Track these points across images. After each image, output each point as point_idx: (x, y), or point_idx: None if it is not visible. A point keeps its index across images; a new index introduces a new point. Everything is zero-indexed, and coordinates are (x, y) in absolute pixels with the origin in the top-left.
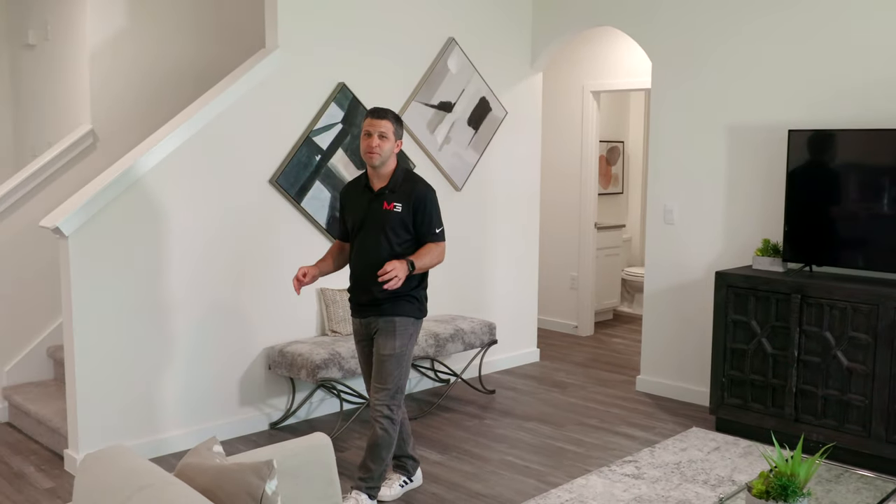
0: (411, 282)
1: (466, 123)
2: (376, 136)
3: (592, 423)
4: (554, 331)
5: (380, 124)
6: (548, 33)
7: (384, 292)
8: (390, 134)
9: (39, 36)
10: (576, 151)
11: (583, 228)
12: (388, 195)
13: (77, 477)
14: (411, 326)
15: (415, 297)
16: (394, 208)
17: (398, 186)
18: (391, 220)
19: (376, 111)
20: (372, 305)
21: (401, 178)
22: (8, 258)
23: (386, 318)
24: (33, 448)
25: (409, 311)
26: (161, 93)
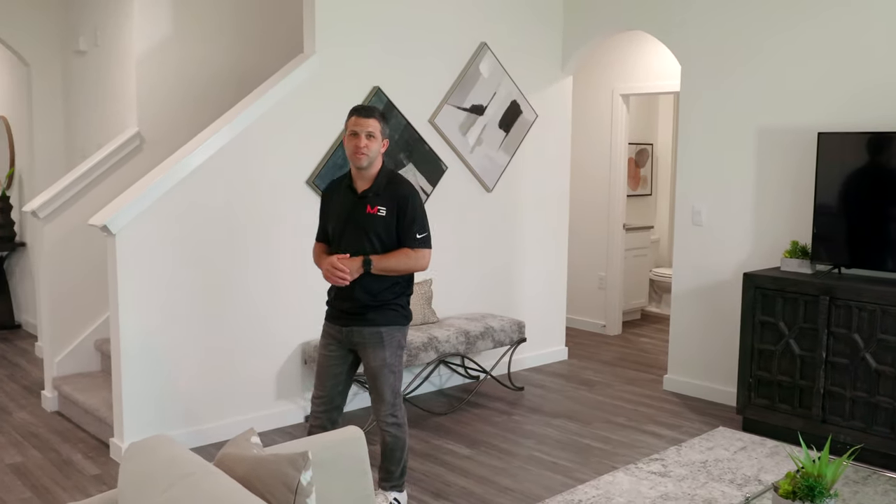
0: (395, 288)
1: (497, 126)
2: (363, 136)
3: (619, 421)
4: (582, 330)
5: (367, 123)
6: (578, 37)
7: (369, 298)
8: (377, 133)
9: (89, 42)
10: (605, 154)
11: (611, 229)
12: (373, 198)
13: (122, 465)
14: (398, 333)
15: (399, 305)
16: (378, 212)
17: (382, 189)
18: (375, 225)
19: (362, 109)
20: (356, 314)
21: (385, 181)
22: (59, 255)
23: (371, 328)
24: (81, 436)
25: (394, 320)
26: (204, 96)
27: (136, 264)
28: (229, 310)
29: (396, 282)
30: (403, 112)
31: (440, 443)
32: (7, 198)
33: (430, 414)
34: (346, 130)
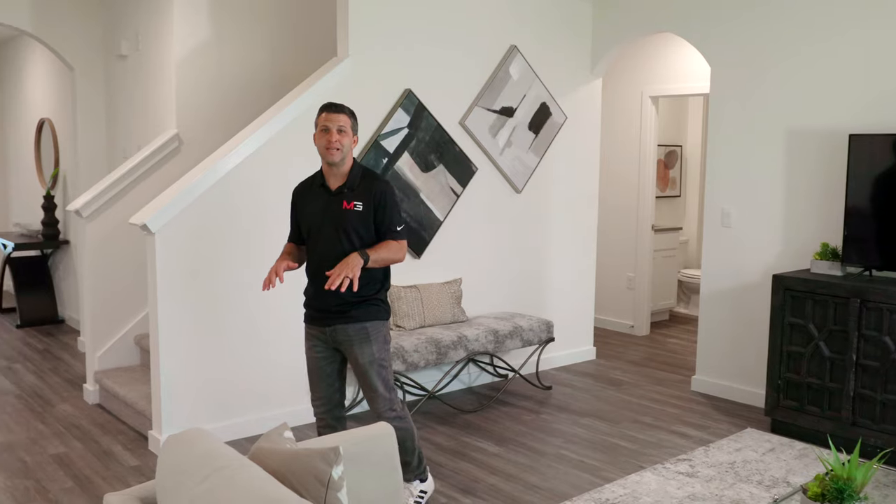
0: (374, 285)
1: (527, 128)
2: (335, 131)
3: (647, 421)
4: (610, 330)
5: (338, 118)
6: (607, 40)
7: (352, 295)
8: (348, 128)
9: (131, 47)
10: (634, 155)
11: (640, 230)
12: (348, 194)
13: (160, 456)
14: (382, 328)
15: (379, 300)
16: (354, 207)
17: (357, 184)
18: (352, 220)
19: (332, 105)
20: (337, 313)
21: (359, 176)
22: (101, 253)
23: (356, 325)
24: (121, 428)
25: (377, 315)
26: (241, 99)
27: (175, 262)
28: (263, 307)
29: (377, 278)
30: (434, 114)
31: (469, 440)
32: (52, 197)
33: (460, 411)
34: (317, 128)
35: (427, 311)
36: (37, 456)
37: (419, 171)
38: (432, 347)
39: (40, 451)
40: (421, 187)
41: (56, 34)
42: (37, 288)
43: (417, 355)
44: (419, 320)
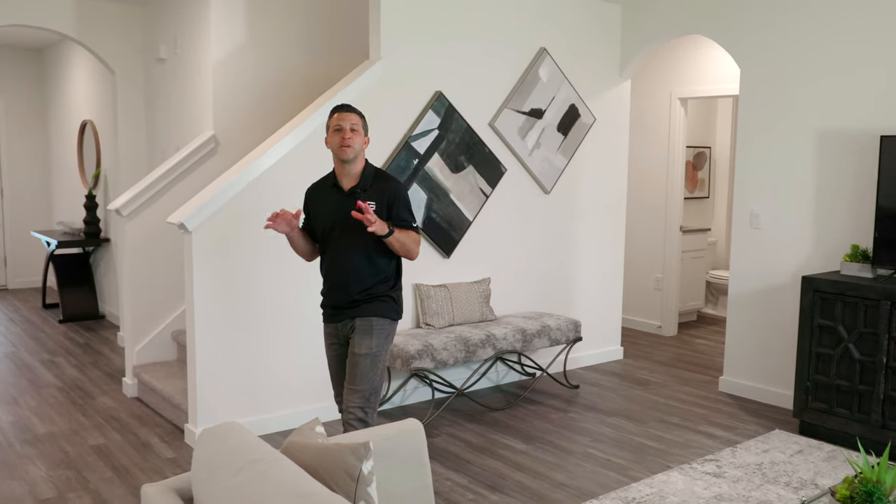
0: (388, 281)
1: (556, 129)
2: (348, 129)
3: (674, 421)
4: (638, 330)
5: (349, 117)
6: (637, 42)
7: (362, 292)
8: (360, 127)
9: (169, 51)
10: (662, 156)
11: (668, 231)
12: (361, 194)
13: (195, 449)
14: (388, 327)
15: (391, 298)
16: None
17: (370, 185)
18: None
19: (343, 106)
20: (349, 307)
21: (371, 176)
22: (140, 251)
23: (362, 318)
24: (158, 421)
25: (385, 312)
26: (275, 101)
27: (211, 260)
28: (296, 304)
29: (386, 277)
30: (464, 115)
31: (497, 437)
32: (93, 196)
33: (488, 409)
34: (329, 129)
35: (456, 309)
36: (78, 447)
37: (449, 171)
38: (461, 345)
39: (81, 442)
40: (451, 188)
41: (98, 39)
42: (79, 284)
43: (446, 353)
44: (448, 319)
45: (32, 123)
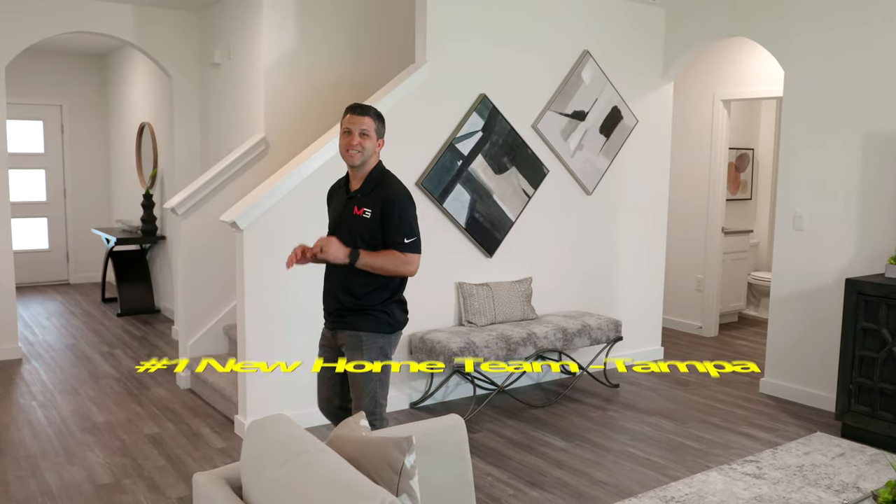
0: (380, 294)
1: (598, 131)
2: (357, 134)
3: (714, 422)
4: (678, 330)
5: (361, 121)
6: (680, 45)
7: (352, 301)
8: (372, 132)
9: (223, 56)
10: (705, 158)
11: (710, 232)
12: (360, 199)
13: (245, 440)
14: (380, 340)
15: (384, 312)
16: (363, 214)
17: (370, 190)
18: (359, 227)
19: (357, 107)
20: (339, 316)
21: (375, 181)
22: (193, 248)
23: (351, 332)
24: (209, 412)
25: (375, 327)
26: (324, 104)
27: (261, 257)
28: None
29: (382, 287)
30: (507, 117)
31: (537, 434)
32: (150, 196)
33: (528, 406)
34: (341, 129)
35: (498, 308)
36: (133, 435)
37: (492, 172)
38: (502, 343)
39: (136, 431)
40: (494, 189)
41: (156, 45)
42: (136, 280)
43: (488, 351)
44: (490, 317)
45: (94, 126)
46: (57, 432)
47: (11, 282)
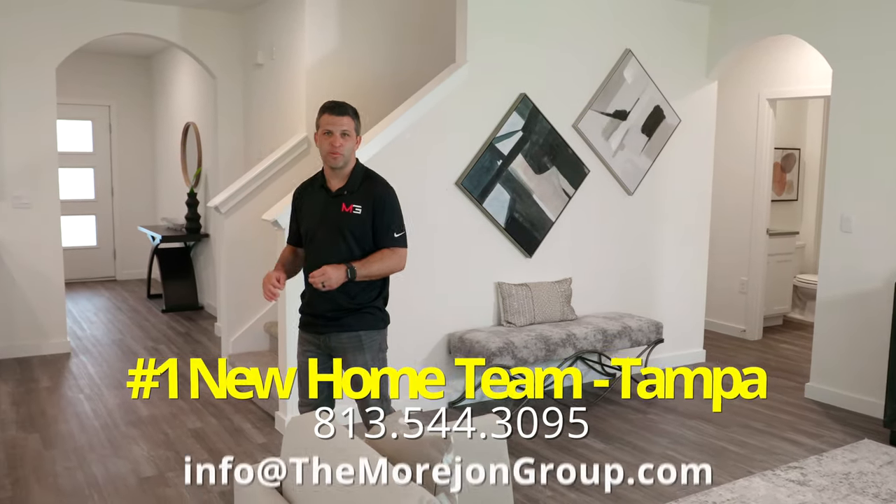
0: (371, 292)
1: (640, 131)
2: (338, 135)
3: (757, 427)
4: (721, 333)
5: (341, 122)
6: (724, 43)
7: (347, 301)
8: (352, 131)
9: (266, 56)
10: (749, 158)
11: (754, 233)
12: (347, 196)
13: (285, 436)
14: (377, 336)
15: (376, 308)
16: (353, 211)
17: (357, 187)
18: (350, 224)
19: (335, 107)
20: (332, 319)
21: (360, 178)
22: (236, 246)
23: (349, 333)
24: (251, 408)
25: (371, 324)
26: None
27: None
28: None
29: (374, 285)
30: (548, 117)
31: (575, 435)
32: (194, 194)
33: (567, 407)
34: (319, 129)
35: (537, 308)
36: (177, 429)
37: (532, 172)
38: (541, 344)
39: (180, 425)
40: (534, 189)
41: (201, 46)
42: (180, 277)
43: (527, 351)
44: (529, 317)
45: (141, 126)
46: (103, 425)
47: (61, 278)
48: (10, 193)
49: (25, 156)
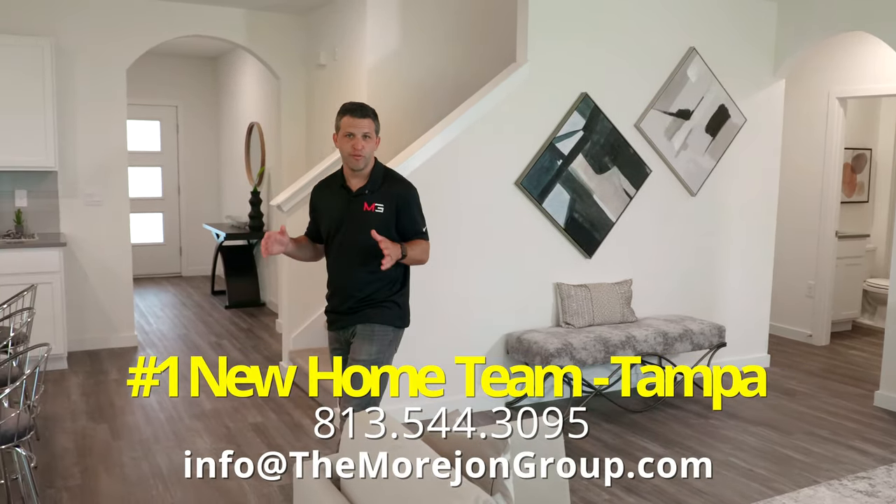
0: (393, 286)
1: (704, 130)
2: (360, 137)
3: (823, 434)
4: (786, 338)
5: (362, 124)
6: (793, 41)
7: (367, 296)
8: (372, 132)
9: (328, 57)
10: (818, 158)
11: (822, 236)
12: (369, 196)
13: (343, 432)
14: (391, 334)
15: (396, 303)
16: (375, 209)
17: (378, 186)
18: (373, 223)
19: (356, 109)
20: (351, 313)
21: (380, 178)
22: None
23: (364, 324)
24: (310, 404)
25: (388, 319)
26: (425, 103)
27: None
28: (440, 301)
29: (396, 279)
30: (609, 116)
31: (634, 439)
32: (258, 193)
33: (626, 410)
34: (339, 130)
35: (596, 309)
36: (238, 423)
37: (593, 172)
38: (600, 346)
39: (241, 420)
40: (594, 189)
41: (266, 47)
42: (243, 274)
43: (585, 353)
44: (588, 319)
45: (206, 126)
46: (168, 417)
47: (129, 273)
48: (83, 191)
49: (97, 155)
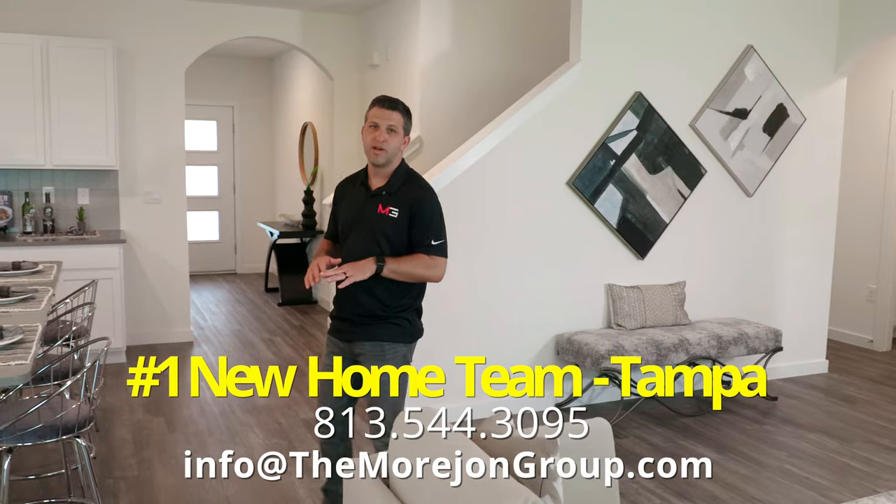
0: (405, 297)
1: (761, 130)
2: (384, 130)
3: (884, 443)
4: (845, 343)
5: (389, 116)
6: (856, 38)
7: (376, 306)
8: (399, 128)
9: (381, 57)
10: (881, 158)
11: (885, 239)
12: (385, 198)
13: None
14: (402, 349)
15: (406, 319)
16: (389, 213)
17: (397, 189)
18: (385, 227)
19: (386, 100)
20: (357, 325)
21: (401, 180)
22: None
23: (373, 342)
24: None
25: (397, 336)
26: (477, 103)
27: None
28: (489, 302)
29: (406, 292)
30: (663, 116)
31: (686, 443)
32: (311, 192)
33: (678, 414)
34: (366, 122)
35: (649, 311)
36: (290, 419)
37: (646, 173)
38: (652, 348)
39: (293, 415)
40: (647, 189)
41: (320, 48)
42: (296, 271)
43: (637, 355)
44: (640, 320)
45: (261, 125)
46: (222, 412)
47: (186, 270)
48: (142, 189)
49: (156, 154)
